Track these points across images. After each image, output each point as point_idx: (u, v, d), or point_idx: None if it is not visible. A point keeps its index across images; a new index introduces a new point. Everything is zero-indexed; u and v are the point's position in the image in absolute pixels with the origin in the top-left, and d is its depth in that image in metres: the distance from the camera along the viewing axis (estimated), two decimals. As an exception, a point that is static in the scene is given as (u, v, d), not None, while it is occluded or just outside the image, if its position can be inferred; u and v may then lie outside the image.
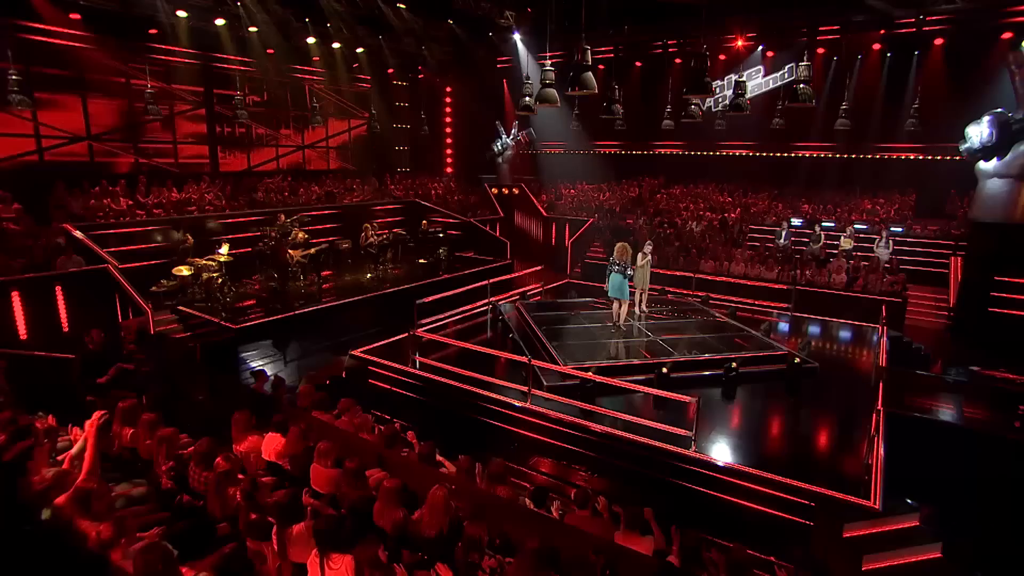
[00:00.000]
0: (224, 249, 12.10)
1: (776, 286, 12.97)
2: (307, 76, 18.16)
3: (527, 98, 10.58)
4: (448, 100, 23.37)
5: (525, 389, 7.60)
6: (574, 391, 7.74)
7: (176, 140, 15.52)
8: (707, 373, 8.48)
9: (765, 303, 12.66)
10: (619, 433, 6.78)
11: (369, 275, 14.05)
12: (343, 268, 14.27)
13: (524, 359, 7.61)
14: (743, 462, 6.16)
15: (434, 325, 10.93)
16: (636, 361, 8.60)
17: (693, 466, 6.29)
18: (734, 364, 8.18)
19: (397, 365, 8.83)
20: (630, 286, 10.06)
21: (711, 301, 12.37)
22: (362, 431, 6.29)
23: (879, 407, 6.51)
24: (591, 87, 7.43)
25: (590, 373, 7.74)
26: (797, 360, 8.36)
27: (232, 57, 15.52)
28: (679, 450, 6.39)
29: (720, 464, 6.16)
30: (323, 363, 10.19)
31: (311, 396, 6.67)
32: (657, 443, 6.52)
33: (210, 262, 11.50)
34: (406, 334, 9.33)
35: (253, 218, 14.03)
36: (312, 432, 5.96)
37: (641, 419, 6.82)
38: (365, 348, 9.45)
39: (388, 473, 5.33)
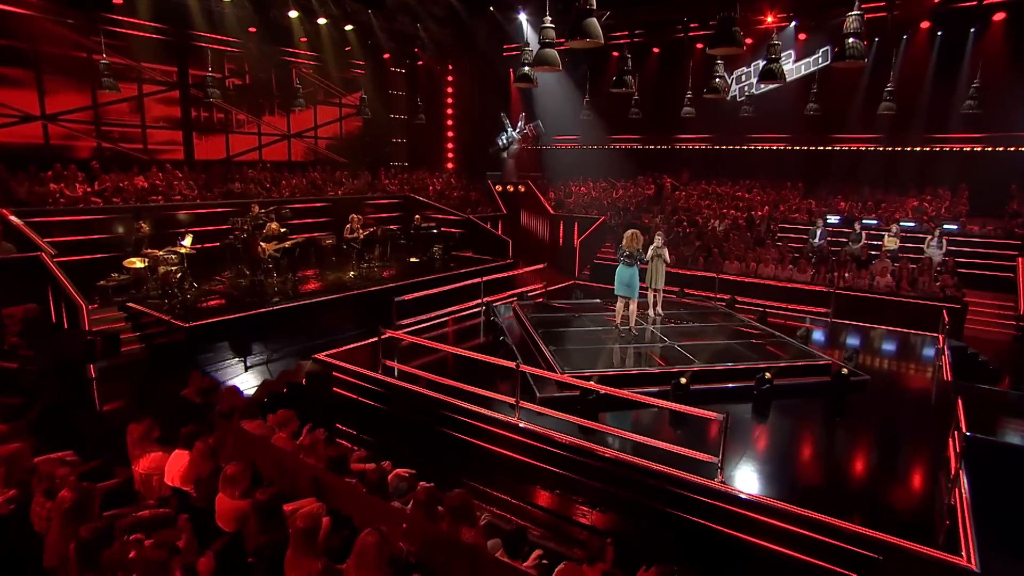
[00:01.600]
0: (187, 241, 11.23)
1: (813, 288, 11.78)
2: (294, 59, 17.30)
3: (525, 67, 9.61)
4: (449, 90, 22.49)
5: (513, 401, 6.50)
6: (573, 404, 6.64)
7: (145, 124, 14.67)
8: (734, 385, 7.32)
9: (799, 307, 11.50)
10: (626, 457, 5.64)
11: (352, 273, 13.09)
12: (327, 265, 13.43)
13: (511, 365, 6.50)
14: (782, 496, 4.99)
15: (417, 327, 9.90)
16: (649, 370, 7.48)
17: (720, 501, 5.13)
18: (768, 375, 7.01)
19: (363, 371, 7.77)
20: (641, 286, 8.96)
21: (737, 305, 11.21)
22: (305, 449, 5.21)
23: (960, 430, 5.30)
24: (595, 36, 6.37)
25: (592, 383, 6.62)
26: (844, 371, 7.17)
27: (210, 35, 14.70)
28: (702, 480, 5.24)
29: (754, 500, 5.00)
30: (285, 369, 9.17)
31: (237, 402, 5.59)
32: (673, 471, 5.37)
33: (169, 255, 10.58)
34: (380, 336, 8.24)
35: (227, 210, 13.14)
36: (235, 449, 4.91)
37: (654, 440, 5.68)
38: (330, 352, 8.40)
39: (325, 505, 4.27)
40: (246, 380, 9.10)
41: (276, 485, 4.34)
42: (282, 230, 12.38)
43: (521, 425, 6.35)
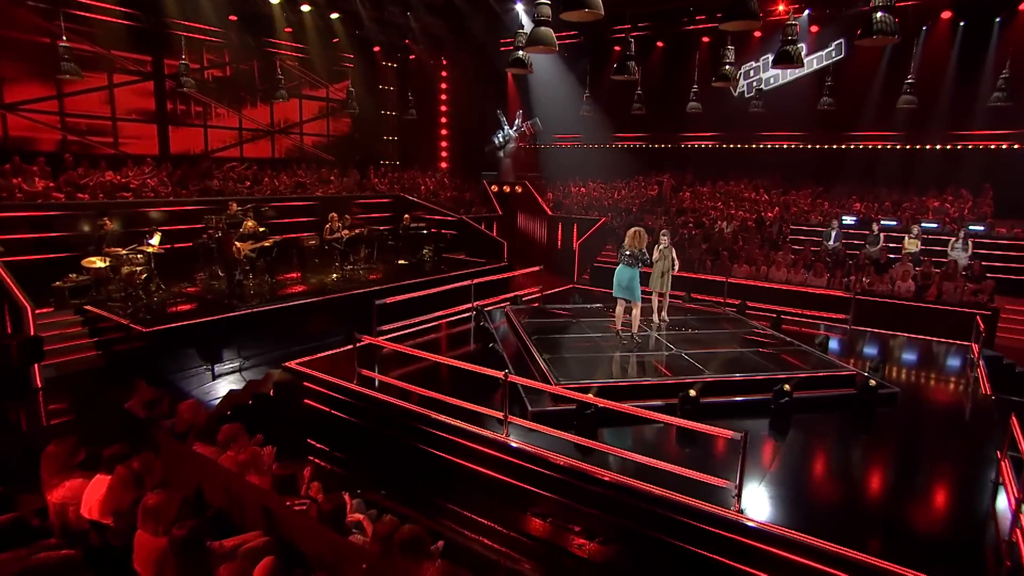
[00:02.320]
0: (155, 240, 10.67)
1: (829, 293, 11.19)
2: (277, 51, 16.76)
3: (520, 52, 9.06)
4: (443, 86, 22.02)
5: (500, 415, 5.90)
6: (569, 420, 6.03)
7: (116, 116, 14.09)
8: (749, 398, 6.70)
9: (815, 313, 10.92)
10: (628, 481, 5.03)
11: (335, 275, 12.54)
12: (309, 267, 12.91)
13: (499, 374, 5.89)
14: (808, 529, 4.37)
15: (401, 333, 9.32)
16: (654, 380, 6.87)
17: (737, 534, 4.51)
18: (787, 387, 6.40)
19: (338, 381, 7.16)
20: (643, 289, 8.37)
21: (748, 310, 10.62)
22: (244, 465, 4.59)
23: (1019, 454, 4.67)
24: (595, 6, 5.80)
25: (590, 396, 6.01)
26: (872, 383, 6.57)
27: (187, 23, 14.17)
28: (716, 509, 4.62)
29: (777, 533, 4.38)
30: (253, 379, 8.56)
31: (196, 417, 4.98)
32: (683, 498, 4.76)
33: (134, 254, 10.01)
34: (356, 343, 7.63)
35: (203, 207, 12.60)
36: (177, 474, 4.31)
37: (660, 462, 5.06)
38: (302, 360, 7.80)
39: (271, 537, 3.66)
40: (213, 390, 8.52)
41: (226, 515, 3.75)
42: (260, 229, 11.85)
43: (510, 443, 5.75)
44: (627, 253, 7.96)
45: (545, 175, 20.72)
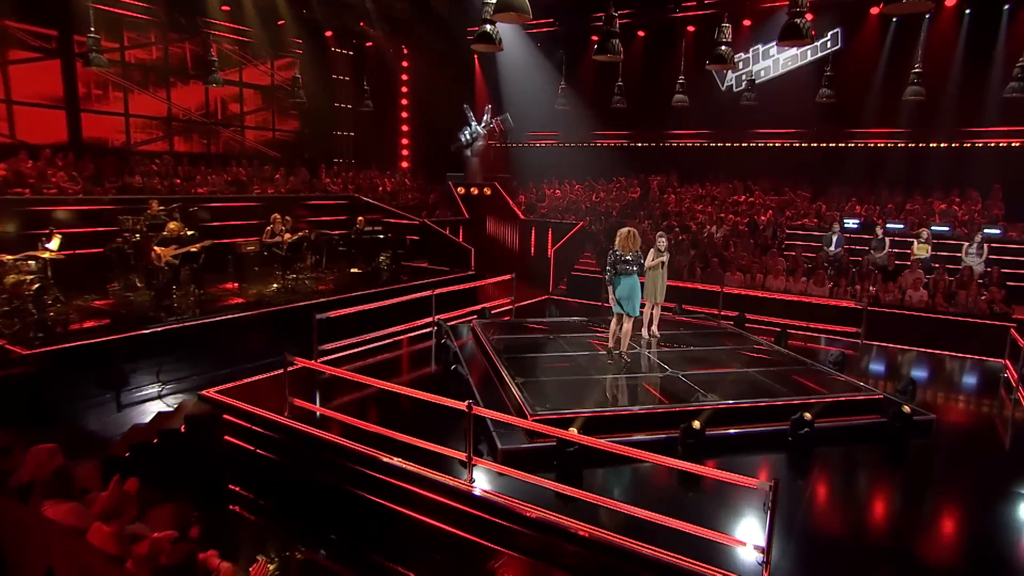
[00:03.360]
0: (53, 244, 9.64)
1: (838, 304, 10.65)
2: (215, 32, 15.74)
3: (487, 25, 8.31)
4: (404, 77, 21.27)
5: (464, 457, 5.06)
6: (548, 459, 5.23)
7: (11, 99, 12.87)
8: (760, 429, 5.98)
9: (820, 326, 10.38)
10: (620, 541, 4.23)
11: (276, 285, 11.60)
12: (248, 276, 12.03)
13: (462, 406, 5.05)
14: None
15: (347, 352, 8.45)
16: (648, 409, 6.11)
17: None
18: (807, 415, 5.70)
19: (264, 413, 6.23)
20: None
21: (747, 323, 10.01)
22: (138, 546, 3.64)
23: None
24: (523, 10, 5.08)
25: (573, 431, 5.20)
26: (906, 409, 5.90)
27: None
28: (738, 581, 3.85)
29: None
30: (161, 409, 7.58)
31: (41, 471, 4.01)
32: (693, 564, 3.96)
33: (23, 261, 8.93)
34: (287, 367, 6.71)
35: (120, 207, 11.56)
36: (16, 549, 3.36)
37: (661, 516, 4.26)
38: (223, 387, 6.85)
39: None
40: (117, 424, 7.47)
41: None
42: (189, 232, 10.86)
43: (474, 491, 4.91)
44: (624, 258, 7.20)
45: (517, 176, 20.16)
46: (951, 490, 5.40)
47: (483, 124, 19.02)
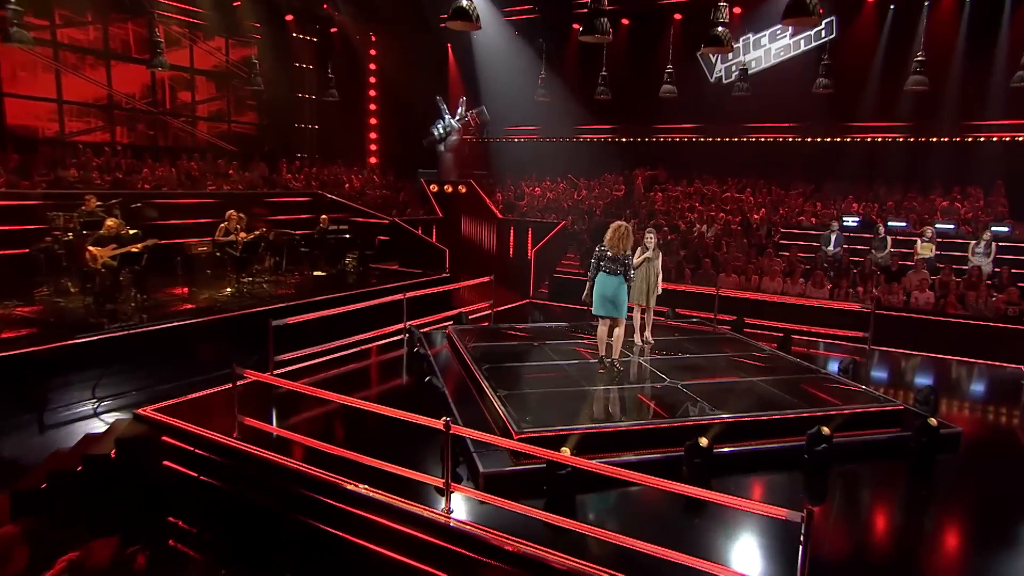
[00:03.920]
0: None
1: (842, 307, 10.40)
2: (162, 13, 15.07)
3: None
4: (372, 66, 20.87)
5: (440, 483, 4.58)
6: (536, 484, 4.78)
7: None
8: (771, 445, 5.60)
9: (822, 330, 10.08)
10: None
11: (230, 289, 11.04)
12: (199, 280, 11.48)
13: (439, 424, 4.57)
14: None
15: (306, 364, 7.92)
16: (647, 424, 5.71)
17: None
18: (825, 429, 5.33)
19: (210, 434, 5.69)
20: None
21: (745, 328, 9.71)
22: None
23: None
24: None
25: (565, 452, 4.74)
26: (932, 422, 5.57)
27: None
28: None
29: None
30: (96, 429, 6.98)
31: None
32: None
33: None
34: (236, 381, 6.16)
35: (51, 203, 10.93)
36: None
37: (667, 551, 3.82)
38: (162, 405, 6.29)
39: None
40: (38, 449, 6.85)
41: None
42: (130, 231, 10.22)
43: (451, 523, 4.44)
44: (608, 256, 6.80)
45: (494, 173, 19.93)
46: (991, 513, 5.04)
47: (457, 117, 18.80)
